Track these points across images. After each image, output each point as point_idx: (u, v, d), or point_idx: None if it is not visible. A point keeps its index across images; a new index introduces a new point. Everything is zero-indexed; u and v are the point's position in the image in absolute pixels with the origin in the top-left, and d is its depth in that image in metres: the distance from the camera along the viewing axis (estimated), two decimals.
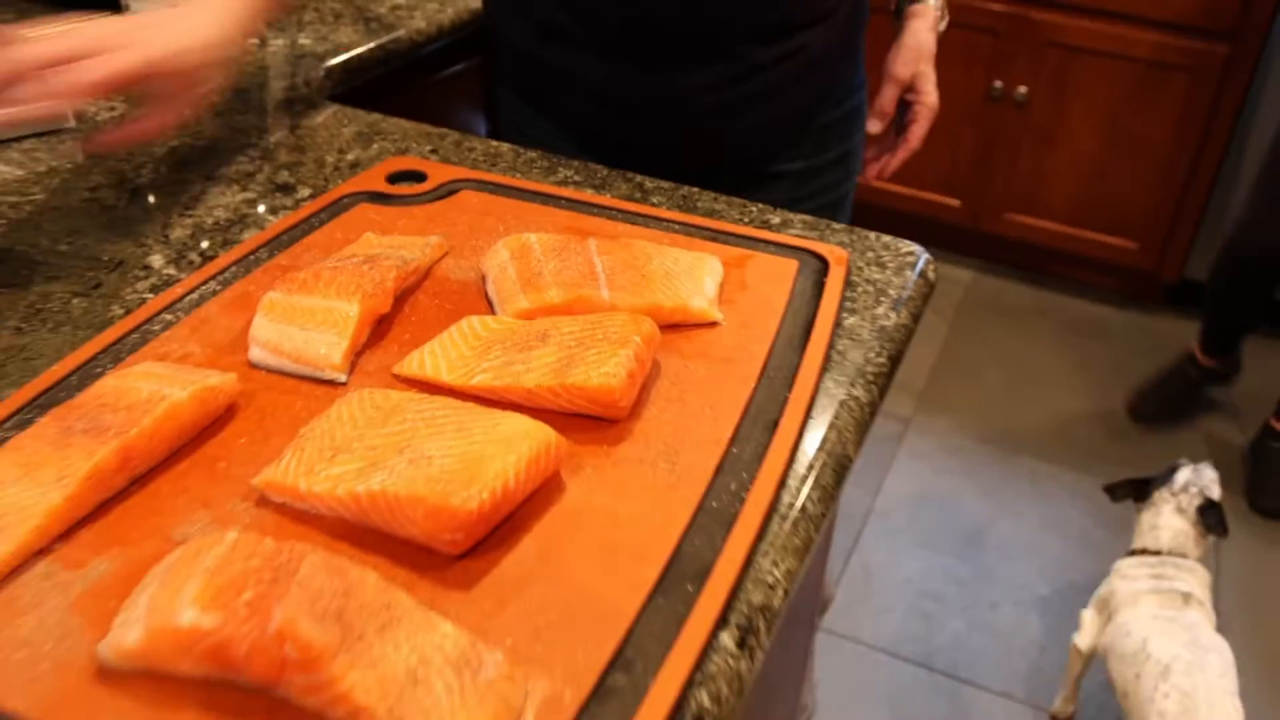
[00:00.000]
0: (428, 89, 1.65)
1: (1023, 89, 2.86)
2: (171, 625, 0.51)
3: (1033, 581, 2.24)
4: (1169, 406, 2.65)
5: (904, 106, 1.29)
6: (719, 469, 0.68)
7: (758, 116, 1.22)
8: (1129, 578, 1.78)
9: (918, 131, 1.28)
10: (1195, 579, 1.75)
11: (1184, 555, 1.80)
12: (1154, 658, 1.60)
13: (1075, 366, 2.85)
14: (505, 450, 0.62)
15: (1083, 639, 1.83)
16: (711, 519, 0.65)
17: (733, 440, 0.71)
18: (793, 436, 0.71)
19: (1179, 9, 2.62)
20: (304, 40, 1.46)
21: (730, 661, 0.58)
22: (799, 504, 0.68)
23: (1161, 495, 1.88)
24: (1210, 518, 1.81)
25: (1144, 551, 1.82)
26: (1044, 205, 3.01)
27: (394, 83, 1.53)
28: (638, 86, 1.18)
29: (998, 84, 2.88)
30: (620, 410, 0.71)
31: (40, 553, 0.61)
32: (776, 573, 0.63)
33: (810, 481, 0.70)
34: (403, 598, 0.55)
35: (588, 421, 0.72)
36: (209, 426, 0.71)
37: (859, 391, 0.78)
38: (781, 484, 0.68)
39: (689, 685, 0.55)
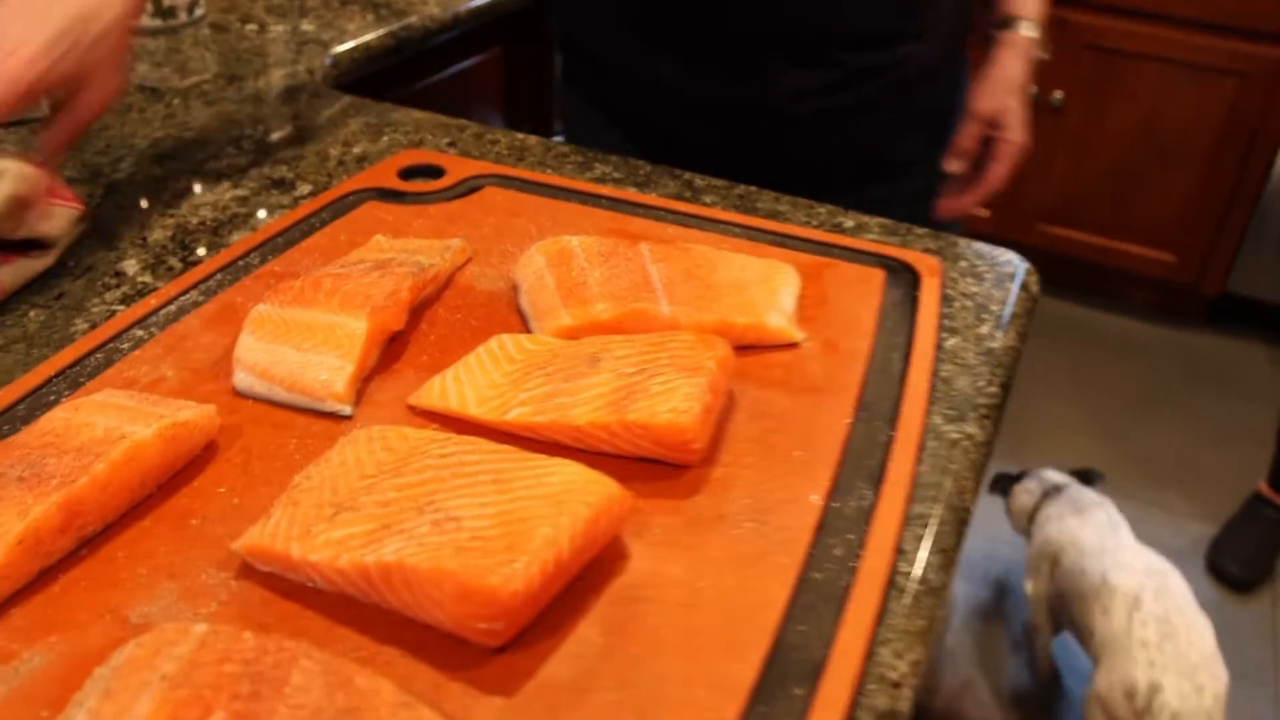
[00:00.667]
0: (440, 84, 1.52)
1: (1059, 94, 2.72)
2: None
3: None
4: (1262, 562, 2.15)
5: (985, 141, 1.14)
6: (819, 529, 0.55)
7: (846, 131, 1.08)
8: (1053, 518, 1.77)
9: (1000, 171, 1.11)
10: (1108, 503, 1.78)
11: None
12: (1119, 590, 1.56)
13: (1112, 387, 2.70)
14: (556, 510, 0.48)
15: (1035, 585, 1.78)
16: (817, 596, 0.51)
17: (831, 492, 0.57)
18: (905, 487, 0.57)
19: (1226, 9, 2.49)
20: (306, 26, 1.32)
21: None
22: (918, 573, 0.54)
23: (1031, 471, 1.93)
24: (1084, 474, 1.89)
25: (1051, 493, 1.84)
26: (1078, 216, 2.87)
27: (403, 75, 1.40)
28: (719, 90, 1.05)
29: (1032, 88, 2.74)
30: (693, 454, 0.57)
31: None
32: (901, 666, 0.49)
33: (928, 544, 0.56)
34: (428, 716, 0.41)
35: (652, 468, 0.58)
36: (180, 472, 0.57)
37: (973, 428, 0.65)
38: (897, 549, 0.54)
39: None
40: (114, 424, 0.54)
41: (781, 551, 0.53)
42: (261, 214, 0.87)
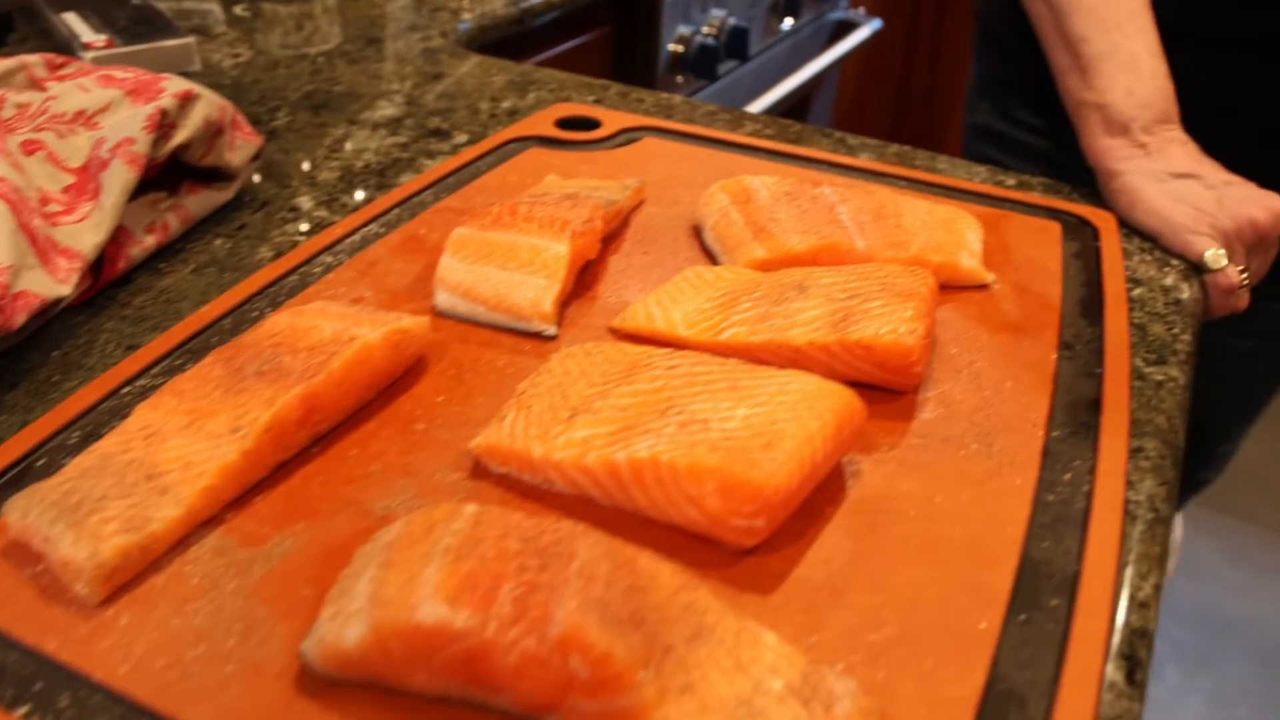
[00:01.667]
0: (549, 61, 1.52)
1: None
2: (409, 622, 0.38)
3: (1167, 626, 2.07)
4: None
5: None
6: (1045, 455, 0.54)
7: None
8: None
9: None
10: None
11: None
12: None
13: None
14: (805, 414, 0.48)
15: None
16: (1054, 517, 0.50)
17: (1049, 421, 0.56)
18: (1124, 419, 0.56)
19: None
20: None
21: (1126, 703, 0.43)
22: (1147, 502, 0.53)
23: None
24: None
25: None
26: None
27: (515, 49, 1.40)
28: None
29: None
30: (913, 378, 0.56)
31: (209, 523, 0.48)
32: (1146, 587, 0.49)
33: (1151, 475, 0.55)
34: (708, 599, 0.41)
35: (866, 392, 0.57)
36: (397, 381, 0.58)
37: (1174, 371, 0.64)
38: (1126, 477, 0.53)
39: None
40: (340, 327, 0.55)
41: (1012, 473, 0.52)
42: (424, 159, 0.87)
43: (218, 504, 0.48)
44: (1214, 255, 0.74)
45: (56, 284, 0.62)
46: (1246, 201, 0.75)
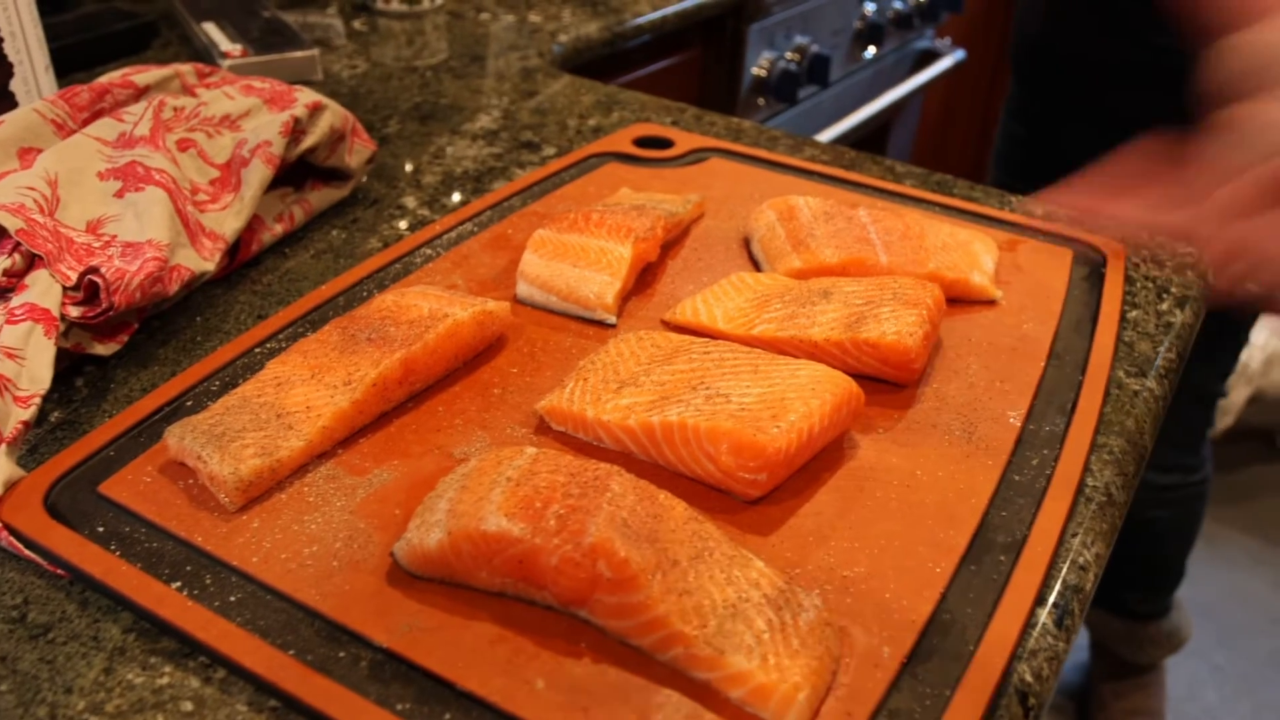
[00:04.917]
0: (639, 80, 1.64)
1: None
2: (476, 530, 0.49)
3: (1209, 649, 2.11)
4: None
5: None
6: (1018, 443, 0.63)
7: None
8: None
9: None
10: None
11: None
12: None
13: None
14: (808, 394, 0.58)
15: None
16: (1016, 492, 0.60)
17: (1028, 417, 0.66)
18: (1093, 419, 0.66)
19: None
20: (534, 17, 1.46)
21: (1050, 640, 0.53)
22: (1103, 487, 0.62)
23: None
24: None
25: None
26: None
27: (607, 69, 1.52)
28: None
29: None
30: (913, 372, 0.66)
31: (323, 456, 0.60)
32: (1087, 554, 0.58)
33: (1112, 467, 0.64)
34: (713, 529, 0.52)
35: (873, 384, 0.67)
36: (480, 354, 0.69)
37: (1152, 384, 0.72)
38: (1086, 465, 0.63)
39: (1013, 658, 0.50)
40: (436, 306, 0.66)
41: (986, 455, 0.62)
42: (515, 169, 0.99)
43: (331, 441, 0.60)
44: None
45: (202, 261, 0.75)
46: None
